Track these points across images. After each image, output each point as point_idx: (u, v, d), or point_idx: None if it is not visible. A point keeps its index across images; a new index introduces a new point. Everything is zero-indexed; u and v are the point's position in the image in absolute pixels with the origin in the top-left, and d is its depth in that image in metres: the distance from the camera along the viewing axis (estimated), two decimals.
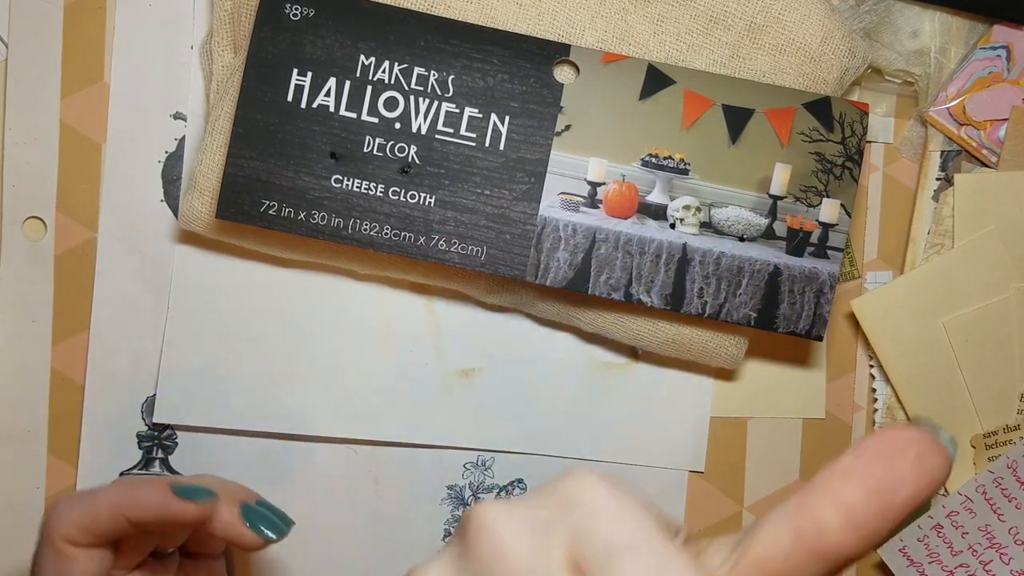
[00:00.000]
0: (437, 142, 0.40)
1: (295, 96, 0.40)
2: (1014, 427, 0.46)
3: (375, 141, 0.40)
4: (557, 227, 0.41)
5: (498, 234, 0.41)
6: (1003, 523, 0.45)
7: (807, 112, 0.41)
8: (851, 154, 0.42)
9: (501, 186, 0.41)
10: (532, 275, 0.41)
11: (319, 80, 0.40)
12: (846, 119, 0.42)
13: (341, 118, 0.40)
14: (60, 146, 0.44)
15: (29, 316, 0.45)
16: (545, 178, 0.41)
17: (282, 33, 0.40)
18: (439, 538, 0.47)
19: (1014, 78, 0.46)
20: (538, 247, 0.41)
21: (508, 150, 0.40)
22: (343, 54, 0.40)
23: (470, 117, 0.40)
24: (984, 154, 0.46)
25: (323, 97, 0.40)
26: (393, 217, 0.40)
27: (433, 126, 0.40)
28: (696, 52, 0.41)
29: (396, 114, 0.40)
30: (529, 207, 0.41)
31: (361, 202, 0.40)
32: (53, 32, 0.44)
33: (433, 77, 0.40)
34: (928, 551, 0.46)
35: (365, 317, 0.46)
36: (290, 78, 0.40)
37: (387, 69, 0.40)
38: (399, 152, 0.40)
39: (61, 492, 0.46)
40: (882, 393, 0.47)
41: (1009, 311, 0.46)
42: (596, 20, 0.41)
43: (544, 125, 0.40)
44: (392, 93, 0.40)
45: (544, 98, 0.40)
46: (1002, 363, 0.46)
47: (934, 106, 0.46)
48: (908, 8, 0.46)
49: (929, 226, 0.47)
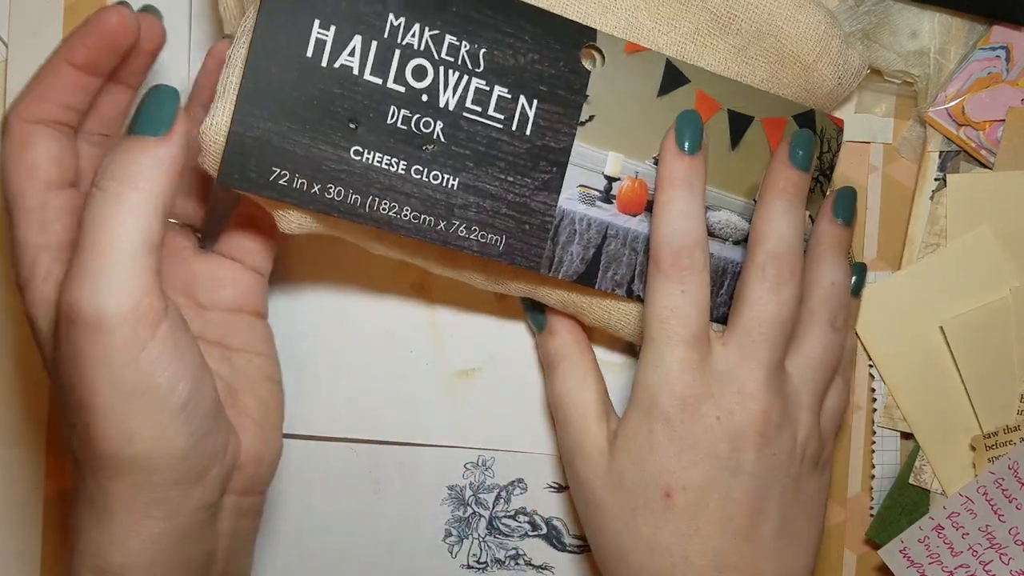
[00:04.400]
0: (465, 120, 0.38)
1: (316, 51, 0.36)
2: (1014, 428, 0.46)
3: (400, 113, 0.37)
4: (574, 220, 0.40)
5: (518, 224, 0.39)
6: (1003, 524, 0.45)
7: (795, 123, 0.42)
8: (824, 168, 0.43)
9: (525, 173, 0.39)
10: (546, 268, 0.40)
11: (343, 36, 0.36)
12: (826, 134, 0.43)
13: (365, 83, 0.36)
14: None
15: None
16: (567, 169, 0.39)
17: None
18: (439, 538, 0.47)
19: (1013, 79, 0.46)
20: (555, 239, 0.40)
21: (534, 136, 0.39)
22: (371, 10, 0.36)
23: (499, 97, 0.38)
24: (983, 155, 0.46)
25: (347, 57, 0.36)
26: (414, 198, 0.37)
27: (462, 103, 0.38)
28: (703, 52, 0.41)
29: (424, 85, 0.37)
30: (549, 197, 0.39)
31: (381, 179, 0.37)
32: (53, 32, 0.44)
33: (464, 48, 0.37)
34: (928, 552, 0.46)
35: (365, 317, 0.46)
36: (311, 30, 0.35)
37: (417, 33, 0.37)
38: (424, 127, 0.37)
39: (61, 492, 0.46)
40: (881, 393, 0.47)
41: (1007, 311, 0.46)
42: (607, 14, 0.40)
43: (570, 113, 0.39)
44: (421, 61, 0.37)
45: (572, 84, 0.39)
46: (1001, 364, 0.46)
47: (933, 106, 0.46)
48: (907, 9, 0.46)
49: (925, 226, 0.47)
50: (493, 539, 0.47)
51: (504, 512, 0.47)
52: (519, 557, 0.47)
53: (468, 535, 0.47)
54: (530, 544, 0.47)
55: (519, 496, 0.47)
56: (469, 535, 0.47)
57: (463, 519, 0.47)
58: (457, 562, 0.47)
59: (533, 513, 0.47)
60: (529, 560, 0.47)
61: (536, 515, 0.47)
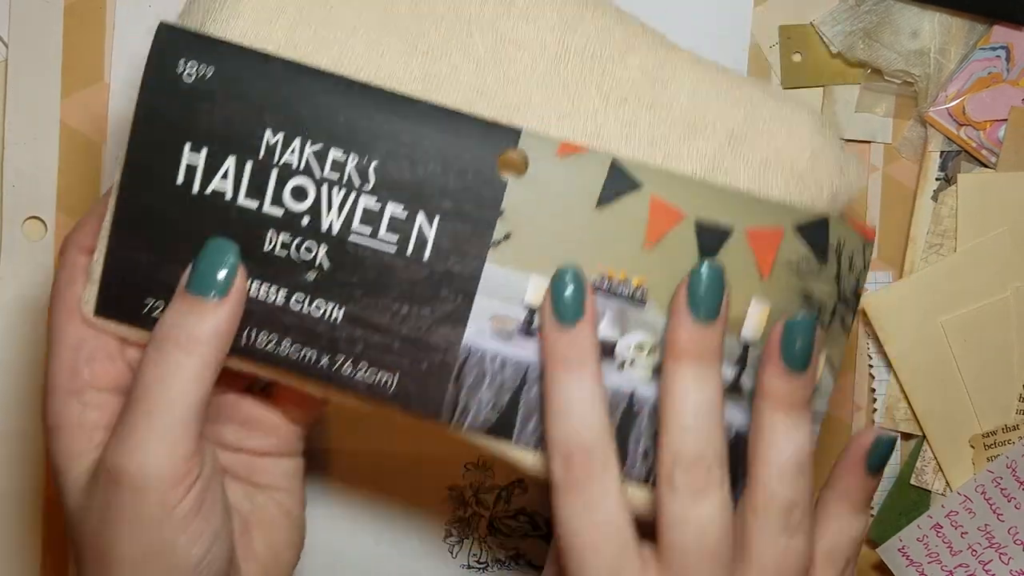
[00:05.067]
0: (351, 244, 0.33)
1: (186, 178, 0.33)
2: (1013, 427, 0.46)
3: (278, 238, 0.33)
4: (483, 359, 0.33)
5: (413, 361, 0.33)
6: (1002, 523, 0.46)
7: (797, 236, 0.33)
8: (846, 295, 0.34)
9: (422, 304, 0.33)
10: (448, 415, 0.34)
11: (215, 159, 0.33)
12: (844, 248, 0.34)
13: (239, 208, 0.33)
14: (60, 146, 0.44)
15: (29, 316, 0.45)
16: (475, 298, 0.33)
17: (173, 97, 0.33)
18: (440, 538, 0.47)
19: (1014, 79, 0.46)
20: (458, 382, 0.33)
21: (434, 260, 0.33)
22: (245, 128, 0.32)
23: (392, 216, 0.33)
24: (984, 155, 0.46)
25: (219, 180, 0.33)
26: (293, 330, 0.33)
27: (348, 224, 0.33)
28: (671, 160, 0.34)
29: (304, 206, 0.33)
30: (452, 332, 0.33)
31: (258, 309, 0.33)
32: (53, 32, 0.44)
33: (352, 162, 0.33)
34: (927, 551, 0.46)
35: None
36: (181, 155, 0.33)
37: (297, 149, 0.33)
38: (306, 253, 0.33)
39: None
40: (881, 393, 0.47)
41: (1008, 311, 0.46)
42: (564, 120, 0.34)
43: (479, 232, 0.33)
44: (301, 180, 0.33)
45: (482, 198, 0.33)
46: (1001, 363, 0.46)
47: (934, 106, 0.46)
48: (908, 8, 0.46)
49: (928, 226, 0.47)
50: (493, 539, 0.47)
51: (504, 512, 0.47)
52: (519, 557, 0.47)
53: (469, 535, 0.47)
54: (530, 544, 0.47)
55: (519, 496, 0.47)
56: (470, 535, 0.47)
57: (463, 519, 0.47)
58: (457, 562, 0.47)
59: (534, 513, 0.47)
60: (530, 560, 0.47)
61: (537, 515, 0.47)
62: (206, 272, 0.32)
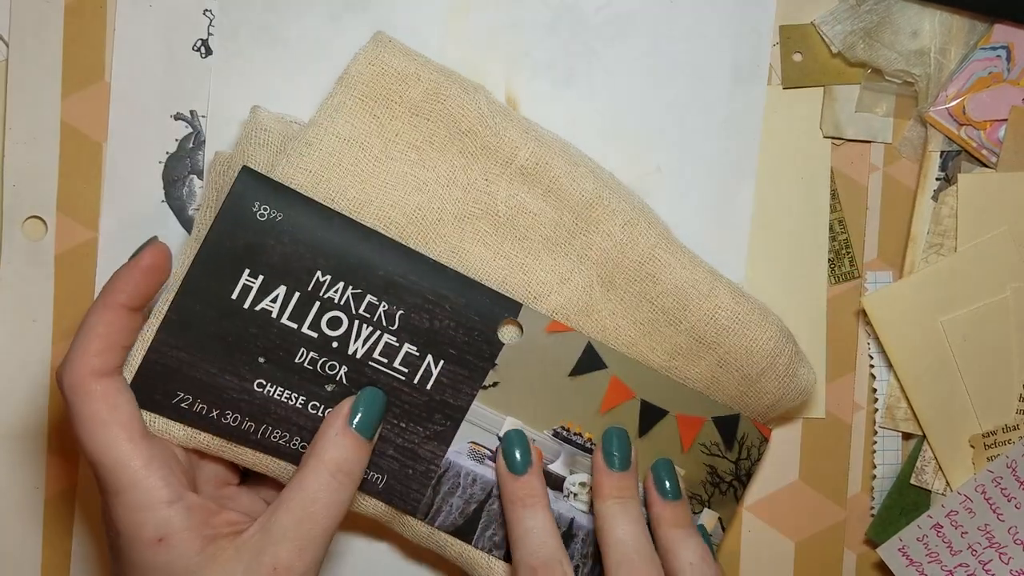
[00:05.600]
0: (369, 368, 0.39)
1: (240, 296, 0.38)
2: (1013, 427, 0.46)
3: (308, 354, 0.39)
4: (459, 473, 0.41)
5: (402, 466, 0.40)
6: (1002, 523, 0.46)
7: (714, 425, 0.43)
8: (741, 475, 0.43)
9: (418, 422, 0.40)
10: (423, 513, 0.41)
11: (269, 286, 0.38)
12: (747, 440, 0.43)
13: (281, 326, 0.38)
14: (60, 146, 0.44)
15: (29, 316, 0.45)
16: (461, 425, 0.40)
17: (244, 231, 0.38)
18: None
19: (1014, 78, 0.46)
20: (436, 488, 0.41)
21: (434, 391, 0.40)
22: (301, 266, 0.38)
23: (407, 353, 0.39)
24: (984, 154, 0.46)
25: (268, 302, 0.38)
26: (306, 430, 0.39)
27: (369, 353, 0.39)
28: (646, 341, 0.42)
29: (337, 334, 0.39)
30: (438, 448, 0.41)
31: (278, 410, 0.39)
32: (53, 32, 0.44)
33: (383, 308, 0.39)
34: (927, 551, 0.46)
35: None
36: (240, 277, 0.38)
37: (340, 290, 0.39)
38: (330, 370, 0.39)
39: (61, 492, 0.46)
40: (882, 393, 0.47)
41: (1007, 310, 0.46)
42: (564, 285, 0.41)
43: (475, 376, 0.40)
44: (338, 313, 0.39)
45: (482, 352, 0.40)
46: (1001, 363, 0.46)
47: (934, 106, 0.46)
48: (908, 8, 0.46)
49: (928, 226, 0.47)
50: None
51: None
52: None
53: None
54: None
55: None
56: None
57: None
58: None
59: None
60: None
61: None
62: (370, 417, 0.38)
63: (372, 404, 0.38)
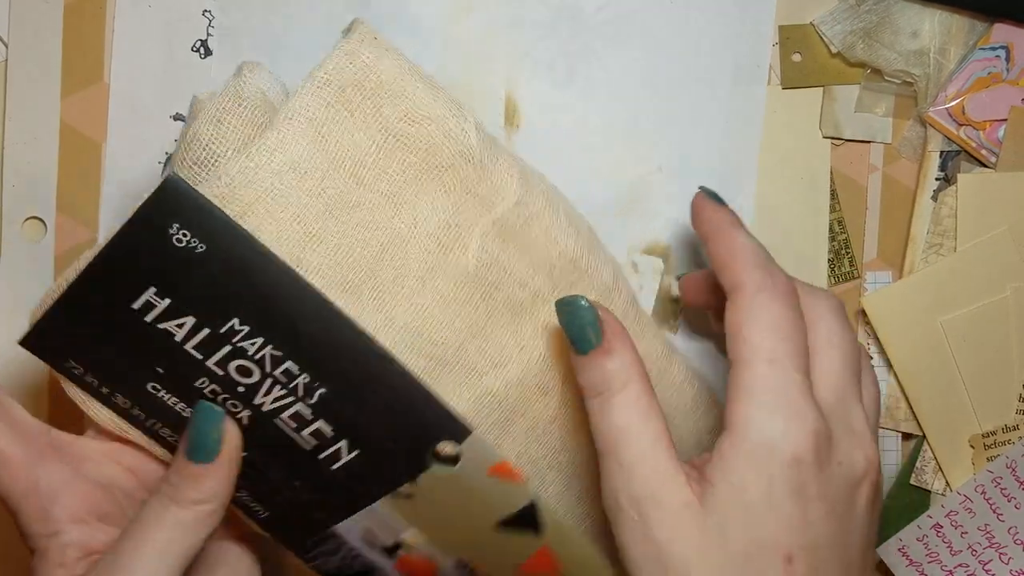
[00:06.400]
0: (274, 423, 0.33)
1: (143, 309, 0.32)
2: (1013, 427, 0.46)
3: (211, 385, 0.33)
4: (344, 543, 0.37)
5: (291, 511, 0.36)
6: (1002, 523, 0.46)
7: None
8: None
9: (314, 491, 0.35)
10: (301, 555, 0.37)
11: (176, 312, 0.32)
12: None
13: (184, 352, 0.32)
14: (60, 146, 0.44)
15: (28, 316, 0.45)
16: (359, 512, 0.36)
17: (152, 257, 0.31)
18: None
19: (1014, 78, 0.46)
20: (317, 542, 0.37)
21: (339, 473, 0.34)
22: (215, 308, 0.32)
23: (319, 430, 0.34)
24: (983, 154, 0.46)
25: (173, 326, 0.32)
26: None
27: (277, 412, 0.33)
28: (581, 505, 0.38)
29: (245, 381, 0.33)
30: (329, 518, 0.36)
31: (170, 415, 0.34)
32: (53, 32, 0.44)
33: (303, 379, 0.32)
34: (927, 551, 0.46)
35: None
36: (143, 292, 0.31)
37: (258, 345, 0.32)
38: (232, 407, 0.33)
39: None
40: (882, 393, 0.47)
41: (1007, 310, 0.46)
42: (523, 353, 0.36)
43: (389, 480, 0.35)
44: (250, 365, 0.32)
45: (406, 465, 0.34)
46: (1001, 363, 0.46)
47: (933, 106, 0.46)
48: (908, 8, 0.46)
49: (928, 226, 0.47)
50: None
51: None
52: None
53: None
54: None
55: None
56: None
57: None
58: None
59: None
60: None
61: None
62: (200, 439, 0.33)
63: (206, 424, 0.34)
